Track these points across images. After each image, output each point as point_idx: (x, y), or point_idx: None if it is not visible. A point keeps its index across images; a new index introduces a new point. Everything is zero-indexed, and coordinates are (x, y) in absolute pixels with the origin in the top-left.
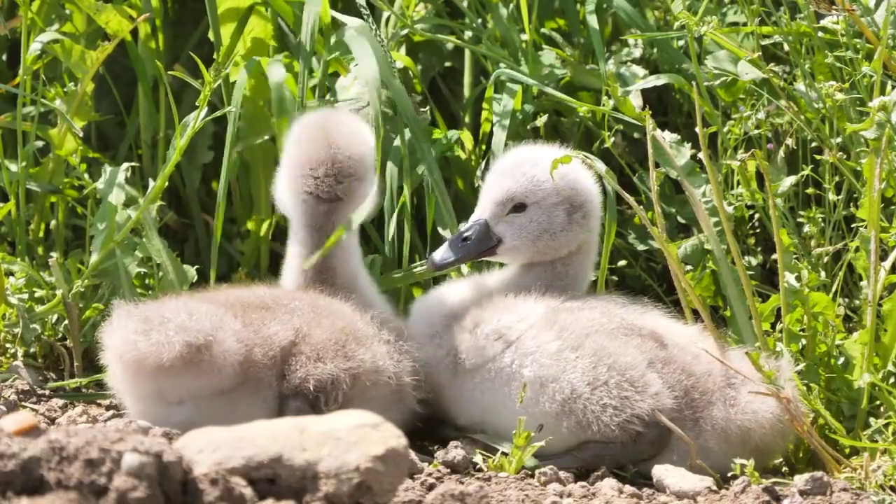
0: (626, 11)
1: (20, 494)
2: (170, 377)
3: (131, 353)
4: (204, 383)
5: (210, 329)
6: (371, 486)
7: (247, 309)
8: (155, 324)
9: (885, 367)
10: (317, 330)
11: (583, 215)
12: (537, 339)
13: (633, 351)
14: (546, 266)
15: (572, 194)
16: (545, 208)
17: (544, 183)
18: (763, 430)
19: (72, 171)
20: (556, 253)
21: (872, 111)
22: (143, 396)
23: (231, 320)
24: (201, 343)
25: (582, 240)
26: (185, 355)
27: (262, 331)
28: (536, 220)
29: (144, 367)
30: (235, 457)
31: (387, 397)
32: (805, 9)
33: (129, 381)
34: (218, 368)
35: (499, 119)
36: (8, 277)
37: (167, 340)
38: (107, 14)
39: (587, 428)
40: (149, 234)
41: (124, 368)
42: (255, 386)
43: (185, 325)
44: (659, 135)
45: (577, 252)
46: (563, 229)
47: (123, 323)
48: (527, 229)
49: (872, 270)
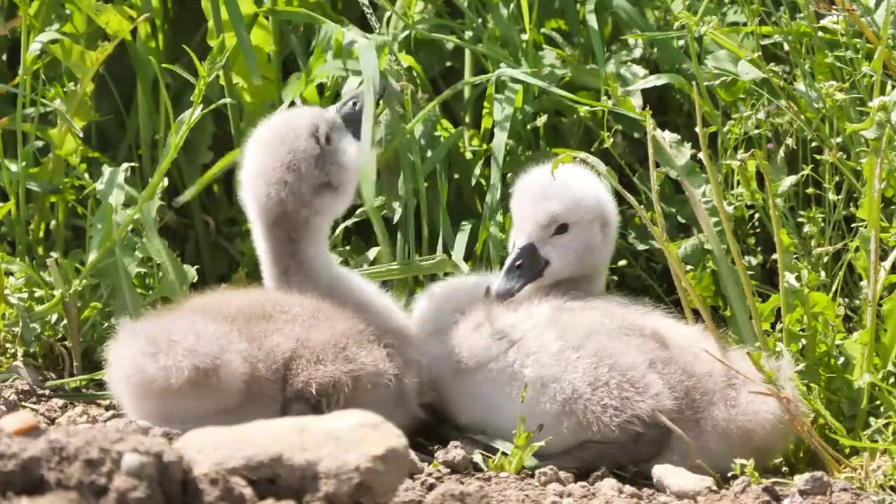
0: (626, 11)
1: (20, 494)
2: (177, 400)
3: (138, 376)
4: (210, 404)
5: (217, 352)
6: (371, 486)
7: (249, 321)
8: (163, 346)
9: (885, 367)
10: (316, 333)
11: (611, 229)
12: (539, 339)
13: (634, 351)
14: (569, 282)
15: (604, 211)
16: (584, 227)
17: (582, 202)
18: (764, 431)
19: (72, 171)
20: (595, 269)
21: (872, 111)
22: (148, 414)
23: (237, 339)
24: (209, 367)
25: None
26: (192, 379)
27: (264, 344)
28: (580, 239)
29: (151, 389)
30: (235, 457)
31: (388, 401)
32: (805, 9)
33: (134, 400)
34: (225, 390)
35: (499, 119)
36: (8, 277)
37: (175, 365)
38: (107, 14)
39: (587, 428)
40: (149, 234)
41: (130, 389)
42: (260, 400)
43: (193, 348)
44: (659, 135)
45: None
46: (599, 245)
47: (130, 343)
48: (572, 249)
49: (872, 270)
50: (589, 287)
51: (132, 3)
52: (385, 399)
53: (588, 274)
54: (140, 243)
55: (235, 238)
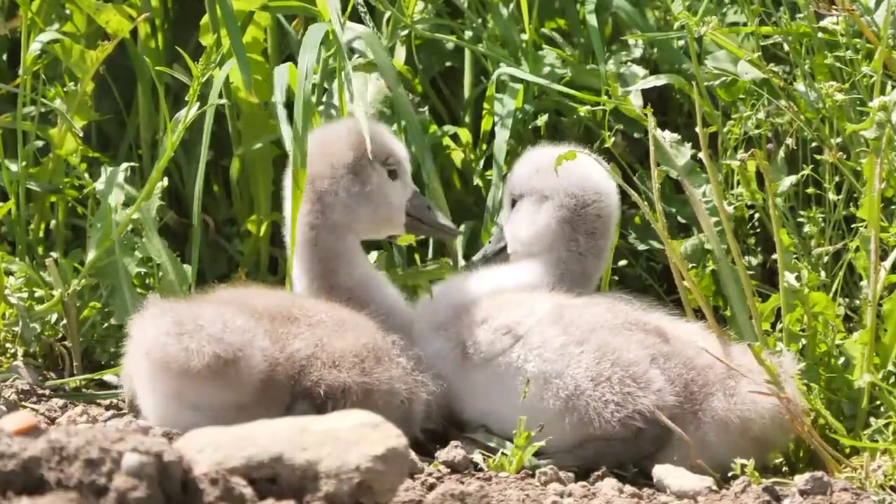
0: (626, 11)
1: (20, 494)
2: (192, 383)
3: (159, 354)
4: (224, 395)
5: (241, 344)
6: (371, 486)
7: (274, 321)
8: (188, 328)
9: (885, 366)
10: (338, 341)
11: (550, 205)
12: (543, 335)
13: (637, 347)
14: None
15: (539, 186)
16: (526, 201)
17: (517, 175)
18: (763, 421)
19: (72, 170)
20: (544, 247)
21: (872, 111)
22: (161, 393)
23: (261, 336)
24: (230, 357)
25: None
26: (212, 366)
27: (286, 348)
28: (522, 212)
29: (170, 368)
30: (236, 456)
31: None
32: (805, 9)
33: (150, 376)
34: (241, 383)
35: (500, 119)
36: (8, 277)
37: (198, 349)
38: (107, 14)
39: (589, 424)
40: (149, 233)
41: (149, 365)
42: (271, 402)
43: (218, 336)
44: (659, 134)
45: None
46: (539, 220)
47: (156, 320)
48: (517, 221)
49: (872, 270)
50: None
51: (132, 2)
52: (390, 417)
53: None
54: (140, 243)
55: (235, 238)
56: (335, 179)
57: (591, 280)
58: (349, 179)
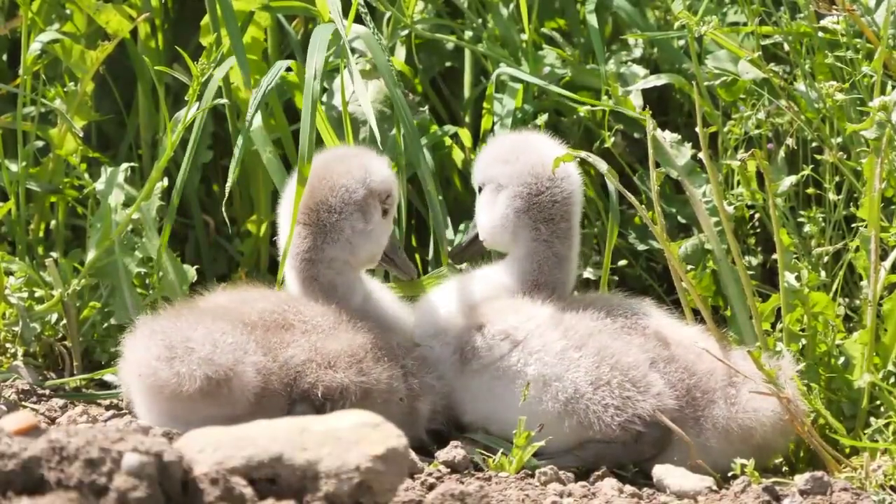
0: (626, 11)
1: (20, 494)
2: (186, 404)
3: (151, 379)
4: (219, 411)
5: (232, 363)
6: (371, 486)
7: (268, 330)
8: (178, 352)
9: (885, 366)
10: (333, 343)
11: (506, 194)
12: (543, 339)
13: (636, 350)
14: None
15: (493, 173)
16: (487, 189)
17: (480, 161)
18: (765, 429)
19: (72, 171)
20: (506, 238)
21: (872, 111)
22: (156, 412)
23: (253, 350)
24: (221, 378)
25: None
26: (204, 388)
27: (280, 356)
28: (483, 200)
29: (162, 393)
30: (236, 456)
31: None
32: (805, 9)
33: (143, 398)
34: (235, 400)
35: (500, 118)
36: (8, 277)
37: (189, 373)
38: (107, 14)
39: (588, 427)
40: (149, 233)
41: (141, 388)
42: (270, 411)
43: (208, 357)
44: (659, 134)
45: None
46: (498, 207)
47: (146, 342)
48: (480, 209)
49: (872, 270)
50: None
51: (132, 2)
52: (392, 417)
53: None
54: (140, 243)
55: (235, 238)
56: (343, 216)
57: (568, 260)
58: (356, 217)
